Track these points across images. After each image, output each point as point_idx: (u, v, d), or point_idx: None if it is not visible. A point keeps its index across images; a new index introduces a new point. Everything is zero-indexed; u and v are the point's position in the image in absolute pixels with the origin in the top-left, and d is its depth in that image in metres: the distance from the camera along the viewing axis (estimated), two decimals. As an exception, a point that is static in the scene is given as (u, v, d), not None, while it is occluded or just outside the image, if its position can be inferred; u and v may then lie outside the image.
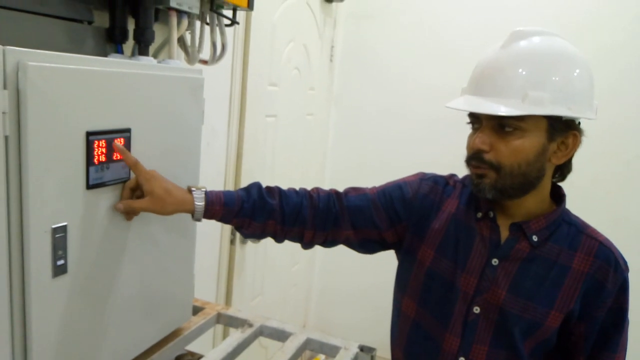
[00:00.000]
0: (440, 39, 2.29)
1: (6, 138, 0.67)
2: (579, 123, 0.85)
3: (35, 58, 0.68)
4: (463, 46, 2.19)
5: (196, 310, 1.23)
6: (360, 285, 2.57)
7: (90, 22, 0.97)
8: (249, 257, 1.90)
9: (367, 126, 2.49)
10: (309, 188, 1.01)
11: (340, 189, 1.03)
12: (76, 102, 0.75)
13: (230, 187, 1.73)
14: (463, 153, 0.89)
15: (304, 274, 2.54)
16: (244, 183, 1.75)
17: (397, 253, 1.02)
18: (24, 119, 0.68)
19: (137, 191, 0.88)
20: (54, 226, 0.74)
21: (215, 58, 1.27)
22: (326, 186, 2.57)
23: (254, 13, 1.63)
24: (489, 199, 0.86)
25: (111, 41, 1.00)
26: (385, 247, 1.01)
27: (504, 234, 0.88)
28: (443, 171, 1.03)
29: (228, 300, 1.81)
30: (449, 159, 1.20)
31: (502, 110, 0.77)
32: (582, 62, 0.81)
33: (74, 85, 0.74)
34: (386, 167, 2.36)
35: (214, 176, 1.63)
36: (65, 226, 0.76)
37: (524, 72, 0.79)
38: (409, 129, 2.40)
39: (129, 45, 1.04)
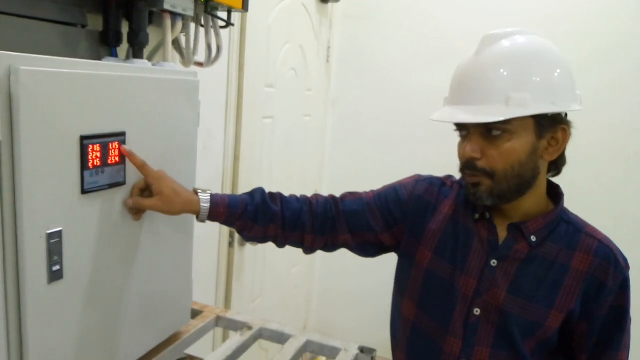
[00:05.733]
0: (437, 40, 2.29)
1: (-1, 143, 0.66)
2: (566, 115, 0.84)
3: (28, 62, 0.68)
4: (460, 48, 2.16)
5: (195, 314, 1.23)
6: (361, 286, 2.57)
7: (83, 26, 0.96)
8: (248, 260, 1.89)
9: (365, 128, 2.49)
10: (307, 190, 1.01)
11: (339, 191, 1.03)
12: (70, 106, 0.74)
13: (228, 190, 1.72)
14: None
15: (304, 276, 2.53)
16: (241, 185, 1.74)
17: (397, 254, 1.02)
18: (16, 124, 0.67)
19: (146, 192, 0.90)
20: (49, 232, 0.73)
21: (210, 60, 1.27)
22: (324, 188, 2.61)
23: (249, 15, 1.62)
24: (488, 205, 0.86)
25: (105, 44, 0.99)
26: (384, 250, 1.01)
27: (502, 234, 0.87)
28: (442, 173, 1.02)
29: (227, 303, 1.81)
30: (448, 161, 1.19)
31: (487, 117, 0.77)
32: (558, 56, 0.81)
33: (67, 89, 0.73)
34: (385, 168, 2.35)
35: (211, 178, 1.62)
36: (60, 231, 0.75)
37: (505, 73, 0.78)
38: (407, 131, 2.40)
39: (124, 48, 1.04)
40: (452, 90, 0.86)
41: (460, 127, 0.85)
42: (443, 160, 1.52)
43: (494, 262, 0.86)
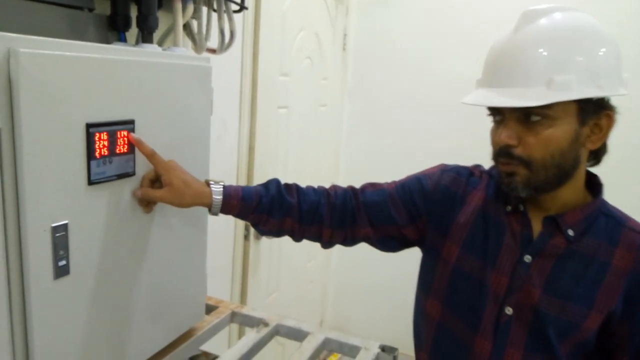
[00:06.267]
0: (460, 24, 2.19)
1: (-2, 131, 0.62)
2: (609, 100, 0.77)
3: (28, 44, 0.63)
4: (484, 31, 2.06)
5: (210, 309, 1.19)
6: (379, 280, 2.51)
7: (91, 10, 0.92)
8: (264, 254, 1.85)
9: (383, 117, 2.42)
10: (323, 182, 0.96)
11: (355, 183, 0.98)
12: (74, 92, 0.70)
13: (243, 181, 1.68)
14: (486, 143, 0.82)
15: (320, 270, 2.49)
16: (256, 177, 1.70)
17: (421, 250, 0.96)
18: (17, 110, 0.63)
19: (156, 183, 0.85)
20: (53, 225, 0.69)
21: (223, 46, 1.22)
22: (340, 179, 2.55)
23: (263, 1, 1.57)
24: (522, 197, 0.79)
25: (113, 29, 0.95)
26: (407, 244, 0.95)
27: (537, 228, 0.81)
28: (468, 163, 0.96)
29: (243, 298, 1.77)
30: (471, 150, 1.13)
31: (527, 101, 0.71)
32: (605, 35, 0.74)
33: (72, 73, 0.69)
34: (403, 159, 2.30)
35: (225, 170, 1.58)
36: (66, 225, 0.71)
37: (545, 53, 0.72)
38: (427, 120, 2.32)
39: (133, 34, 0.99)
40: (486, 71, 0.79)
41: (495, 111, 0.79)
42: (467, 150, 1.45)
43: (527, 258, 0.80)
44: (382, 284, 2.50)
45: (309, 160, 2.14)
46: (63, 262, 0.72)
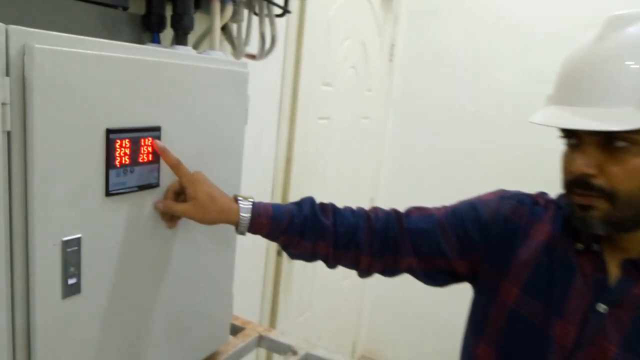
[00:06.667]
0: (520, 35, 2.02)
1: (8, 134, 0.56)
2: None
3: (45, 40, 0.58)
4: (548, 41, 1.93)
5: (235, 331, 1.11)
6: (417, 300, 2.35)
7: (125, 8, 0.87)
8: (297, 270, 1.77)
9: (430, 132, 2.28)
10: (362, 198, 0.87)
11: (396, 202, 0.88)
12: (95, 94, 0.64)
13: (278, 195, 1.60)
14: (551, 166, 0.70)
15: (356, 288, 2.37)
16: (292, 191, 1.62)
17: (473, 287, 0.84)
18: (30, 112, 0.57)
19: (181, 196, 0.79)
20: (64, 239, 0.63)
21: (264, 52, 1.15)
22: (380, 197, 2.43)
23: (308, 5, 1.50)
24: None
25: (147, 30, 0.89)
26: (457, 279, 0.83)
27: (614, 272, 0.68)
28: (526, 188, 0.83)
29: (273, 317, 1.69)
30: (534, 172, 1.00)
31: (614, 124, 0.59)
32: None
33: (92, 74, 0.63)
34: (451, 181, 2.16)
35: (259, 182, 1.50)
36: (78, 239, 0.65)
37: (635, 66, 0.60)
38: (481, 139, 2.14)
39: (168, 36, 0.94)
40: (560, 86, 0.68)
41: (569, 133, 0.67)
42: (529, 172, 1.31)
43: (602, 307, 0.67)
44: (421, 304, 2.32)
45: (348, 174, 2.04)
46: (73, 280, 0.65)
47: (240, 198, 0.80)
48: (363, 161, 2.18)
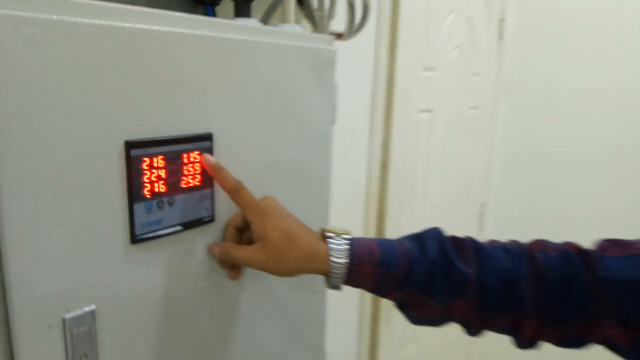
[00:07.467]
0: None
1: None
2: None
3: (14, 4, 0.35)
4: None
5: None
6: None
7: (169, -24, 0.64)
8: (398, 295, 1.48)
9: (552, 123, 1.86)
10: (470, 206, 0.58)
11: (512, 211, 0.58)
12: (102, 86, 0.40)
13: (373, 214, 1.31)
14: None
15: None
16: (390, 206, 1.33)
17: None
18: (-10, 121, 0.35)
19: (246, 232, 0.55)
20: (68, 316, 0.41)
21: (353, 28, 0.88)
22: (491, 204, 2.05)
23: (404, -28, 1.20)
24: None
25: (199, 2, 0.66)
26: None
27: None
28: None
29: (373, 349, 1.42)
30: None
31: None
32: None
33: (98, 55, 0.40)
34: (581, 183, 1.75)
35: (349, 197, 1.22)
36: (92, 312, 0.43)
37: None
38: (622, 129, 1.70)
39: (229, 9, 0.70)
40: None
41: None
42: None
43: None
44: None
45: (452, 176, 1.70)
46: (86, 374, 0.43)
47: (330, 234, 0.53)
48: (470, 161, 1.83)
